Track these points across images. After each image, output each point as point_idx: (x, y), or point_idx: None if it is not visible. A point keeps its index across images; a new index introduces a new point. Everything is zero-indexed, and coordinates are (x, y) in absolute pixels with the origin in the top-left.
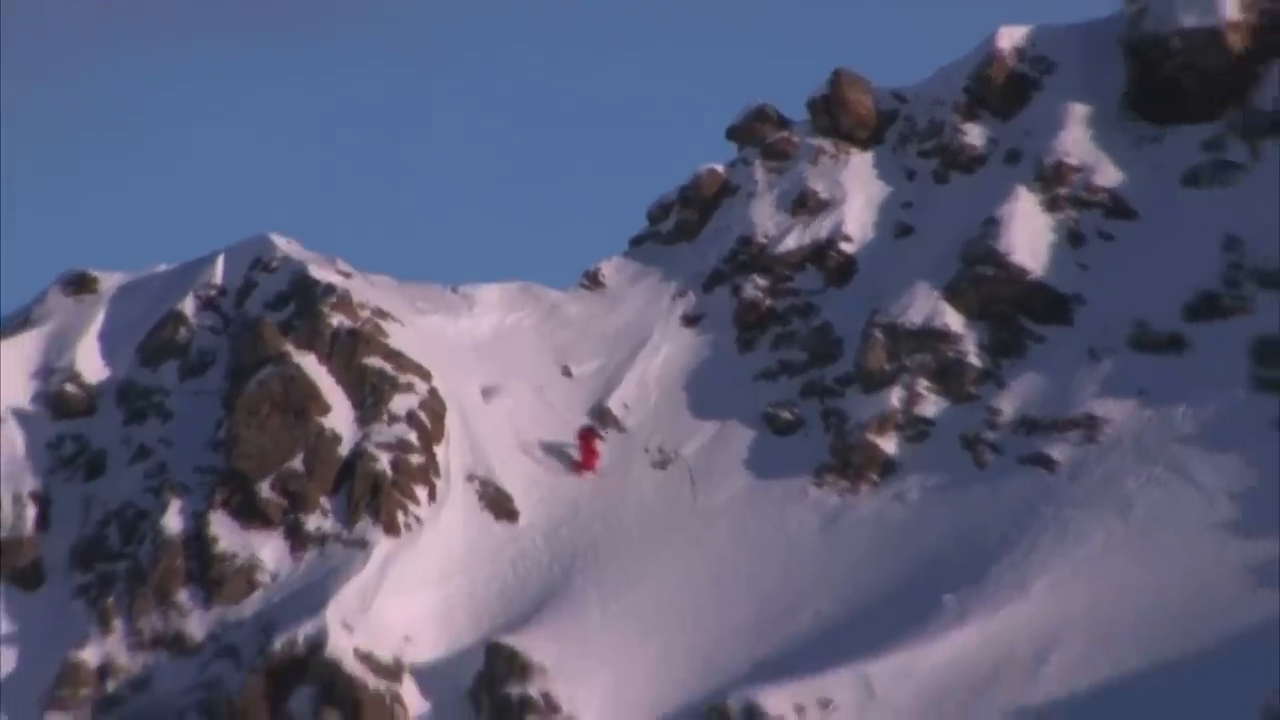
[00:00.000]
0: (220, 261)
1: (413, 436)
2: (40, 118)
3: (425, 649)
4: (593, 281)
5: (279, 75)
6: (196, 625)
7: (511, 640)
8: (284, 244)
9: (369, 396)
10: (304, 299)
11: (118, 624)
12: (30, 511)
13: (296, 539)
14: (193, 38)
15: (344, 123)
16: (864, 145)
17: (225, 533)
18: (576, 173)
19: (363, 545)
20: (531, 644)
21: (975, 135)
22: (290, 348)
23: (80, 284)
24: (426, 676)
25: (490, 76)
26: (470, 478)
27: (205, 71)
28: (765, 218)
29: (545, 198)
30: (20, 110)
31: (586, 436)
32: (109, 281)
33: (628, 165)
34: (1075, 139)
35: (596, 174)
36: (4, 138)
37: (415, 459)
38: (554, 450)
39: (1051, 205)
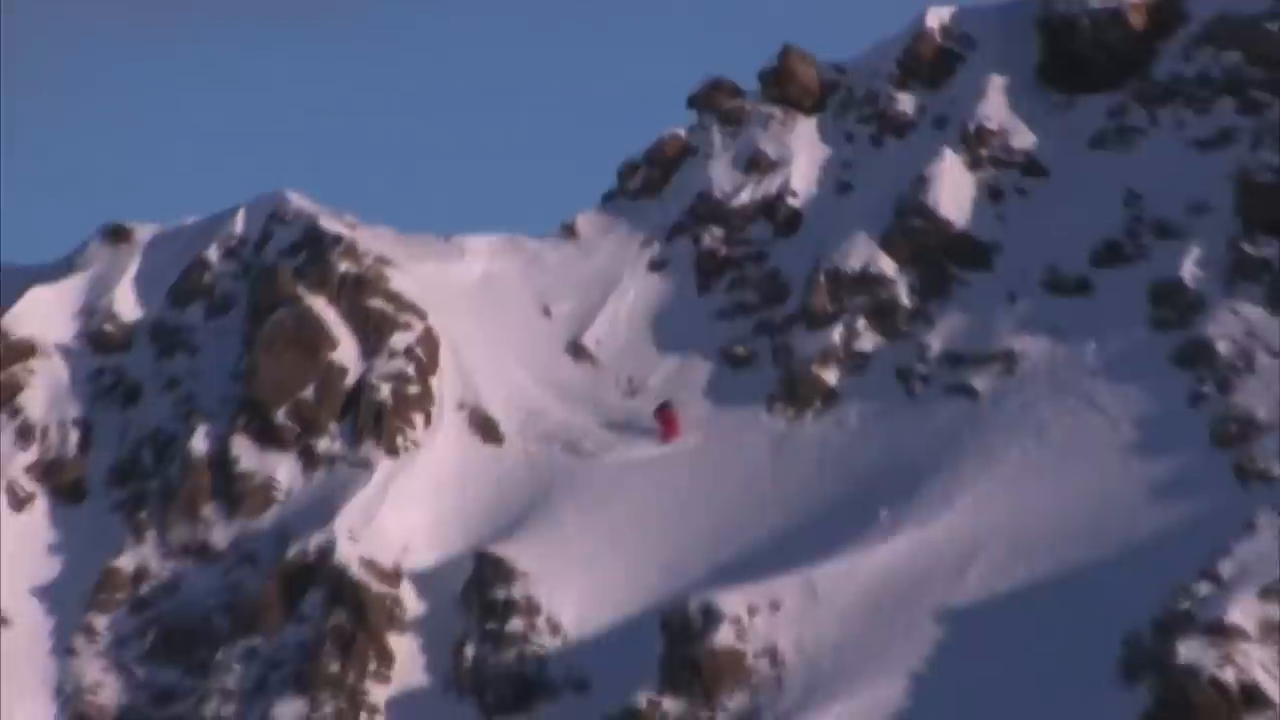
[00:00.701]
0: (241, 215)
1: (410, 369)
2: (78, 80)
3: (421, 557)
4: (569, 233)
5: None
6: (220, 536)
7: (497, 549)
8: (297, 199)
9: (372, 334)
10: (314, 248)
11: (150, 535)
12: (73, 436)
13: (308, 460)
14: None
15: (349, 87)
16: (808, 112)
17: (245, 454)
18: (555, 136)
19: (366, 465)
20: (515, 552)
21: (906, 103)
22: (302, 291)
23: (117, 235)
24: (422, 581)
25: (478, 46)
26: (461, 406)
27: (224, 37)
28: (722, 176)
29: (528, 158)
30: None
31: (665, 412)
32: (143, 232)
33: (599, 129)
34: (995, 107)
35: (572, 137)
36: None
37: (412, 389)
38: (539, 381)
39: (974, 165)
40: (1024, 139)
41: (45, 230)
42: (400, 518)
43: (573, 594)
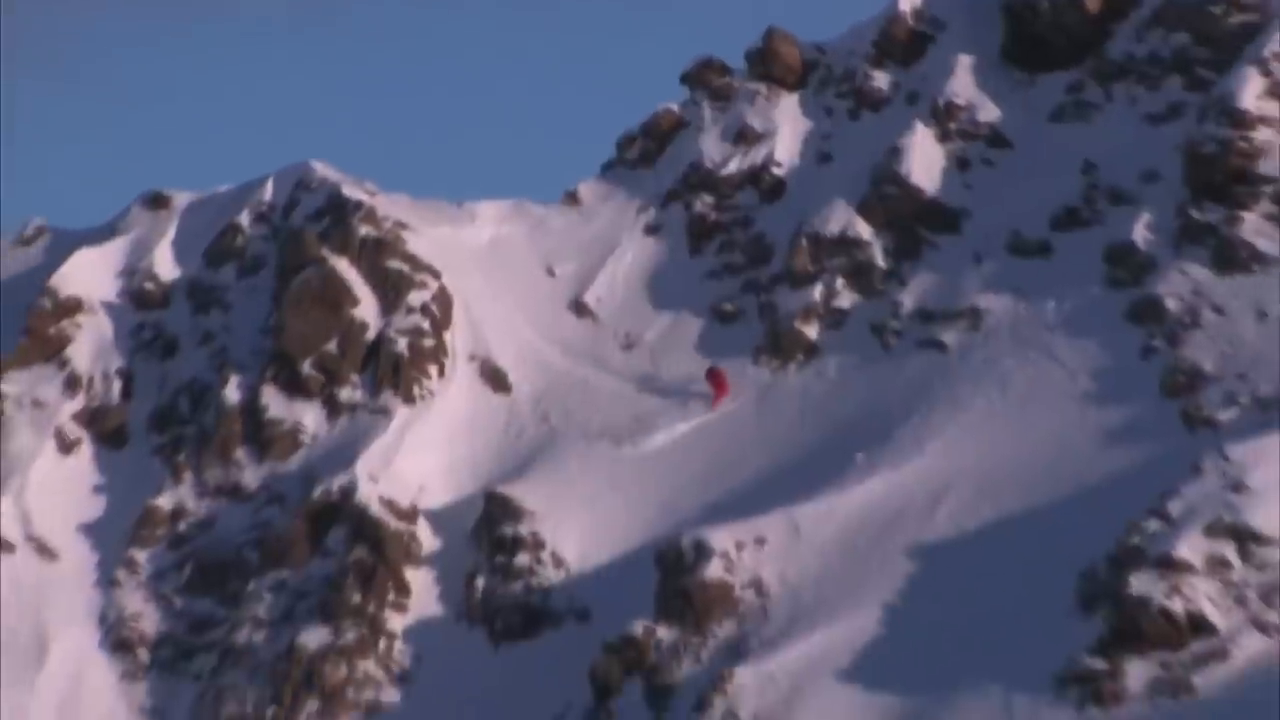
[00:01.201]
0: (270, 183)
1: (425, 324)
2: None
3: (435, 497)
4: (571, 199)
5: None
6: (251, 477)
7: (505, 490)
8: (321, 168)
9: (390, 292)
10: (337, 214)
11: (187, 476)
12: (116, 385)
13: (332, 407)
14: None
15: (369, 66)
16: (791, 88)
17: (274, 402)
18: (559, 110)
19: (385, 413)
20: (522, 493)
21: (881, 80)
22: (326, 252)
23: (156, 201)
24: (436, 519)
25: (488, 29)
26: (472, 358)
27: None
28: (711, 148)
29: (534, 131)
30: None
31: (715, 374)
32: (180, 199)
33: (600, 104)
34: (962, 84)
35: (575, 112)
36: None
37: (427, 342)
38: (544, 336)
39: (943, 137)
40: (989, 113)
41: (90, 197)
42: (416, 461)
43: (575, 531)
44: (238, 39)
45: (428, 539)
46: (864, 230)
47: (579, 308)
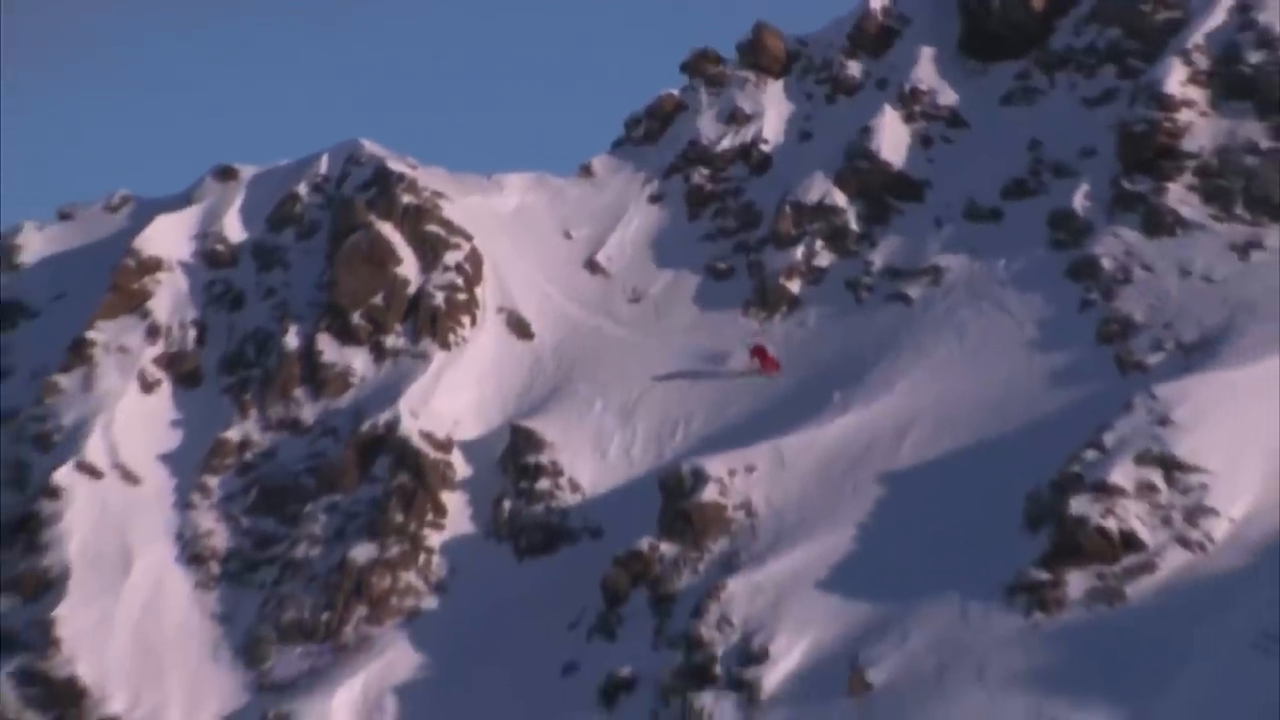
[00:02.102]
0: (325, 158)
1: (459, 280)
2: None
3: (467, 430)
4: (586, 172)
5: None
6: (308, 413)
7: (528, 424)
8: (369, 145)
9: (428, 252)
10: (383, 184)
11: (253, 412)
12: (191, 333)
13: (378, 353)
14: None
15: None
16: (776, 76)
17: (328, 348)
18: (576, 95)
19: (424, 357)
20: (543, 426)
21: (855, 69)
22: (373, 218)
23: (226, 174)
24: (469, 449)
25: (516, 23)
26: (500, 309)
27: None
28: (707, 127)
29: (554, 113)
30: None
31: (758, 350)
32: (246, 172)
33: (611, 89)
34: (925, 72)
35: (589, 96)
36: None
37: (461, 296)
38: (562, 290)
39: (908, 118)
40: (948, 97)
41: (168, 170)
42: (451, 399)
43: (588, 459)
44: (298, 30)
45: (461, 466)
46: (840, 199)
47: (592, 266)
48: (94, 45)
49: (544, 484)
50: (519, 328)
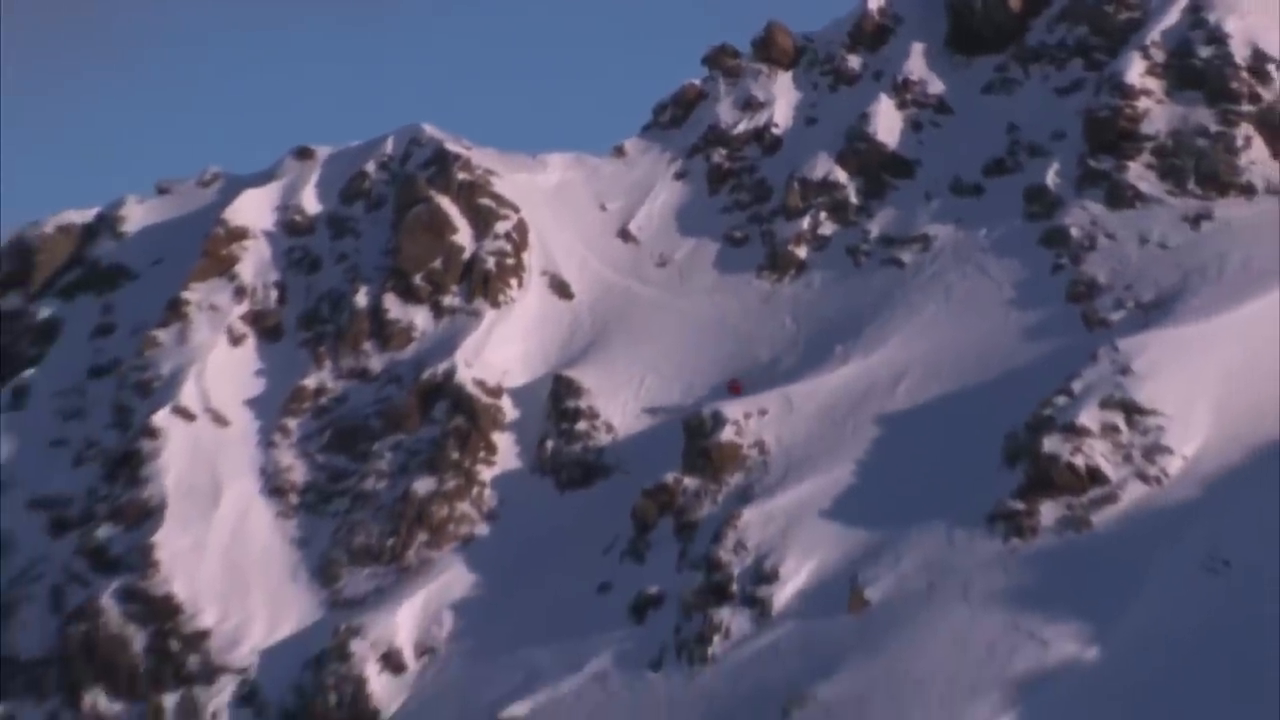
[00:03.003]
0: (390, 140)
1: (508, 247)
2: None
3: (515, 378)
4: (619, 152)
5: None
6: (375, 363)
7: (568, 373)
8: (429, 129)
9: (481, 223)
10: (441, 163)
11: (327, 363)
12: (273, 293)
13: (437, 311)
14: None
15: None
16: (786, 68)
17: (393, 307)
18: (612, 85)
19: (477, 314)
20: (581, 375)
21: (854, 62)
22: (433, 193)
23: (304, 154)
24: (516, 395)
25: (559, 22)
26: (543, 273)
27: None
28: (725, 113)
29: (592, 100)
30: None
31: (733, 386)
32: (322, 152)
33: (641, 80)
34: (916, 65)
35: (623, 85)
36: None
37: (509, 261)
38: (598, 256)
39: (901, 105)
40: (936, 87)
41: (254, 150)
42: (501, 351)
43: (620, 405)
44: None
45: (509, 410)
46: (841, 176)
47: (624, 235)
48: (187, 42)
49: (582, 426)
50: (560, 289)
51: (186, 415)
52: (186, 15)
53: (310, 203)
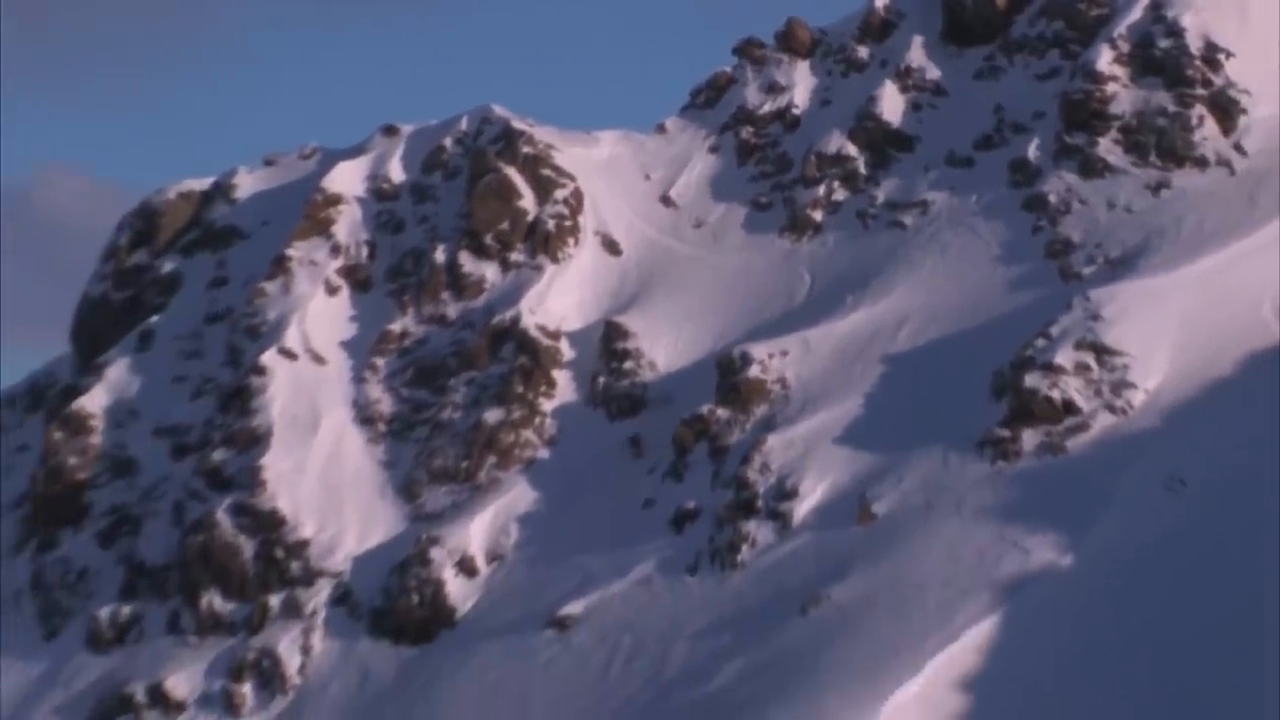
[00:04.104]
0: (465, 119)
1: (566, 211)
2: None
3: (572, 323)
4: (661, 130)
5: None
6: (451, 310)
7: (618, 319)
8: (499, 109)
9: (542, 190)
10: (509, 139)
11: (410, 310)
12: (365, 250)
13: (504, 265)
14: None
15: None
16: (804, 58)
17: (467, 261)
18: (654, 70)
19: (539, 269)
20: (629, 321)
21: (863, 52)
22: (501, 164)
23: (390, 130)
24: (573, 338)
25: (612, 23)
26: (596, 233)
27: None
28: (752, 96)
29: (639, 85)
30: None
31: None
32: (406, 129)
33: (682, 66)
34: (916, 55)
35: (666, 71)
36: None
37: (567, 223)
38: (643, 218)
39: (903, 89)
40: (933, 74)
41: (348, 127)
42: (559, 300)
43: (662, 346)
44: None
45: (567, 351)
46: (852, 150)
47: (666, 200)
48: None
49: (629, 364)
50: (610, 247)
51: (289, 355)
52: (283, 12)
53: (396, 173)
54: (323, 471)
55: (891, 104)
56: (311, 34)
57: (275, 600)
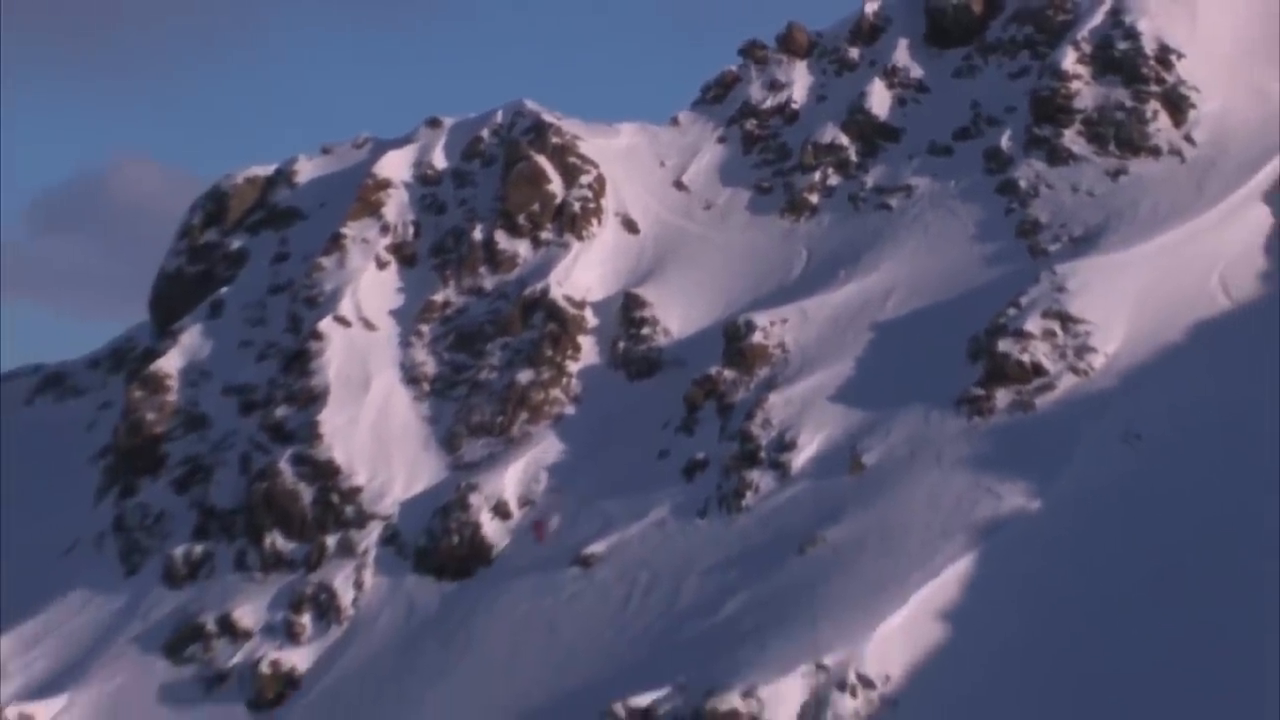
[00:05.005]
0: (500, 112)
1: (590, 194)
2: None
3: (595, 294)
4: (674, 122)
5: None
6: (488, 282)
7: (636, 291)
8: (530, 104)
9: (569, 176)
10: (539, 130)
11: (451, 283)
12: (410, 229)
13: (535, 243)
14: None
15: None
16: (802, 58)
17: (502, 239)
18: (669, 68)
19: (566, 246)
20: (645, 292)
21: (854, 53)
22: (532, 153)
23: (433, 123)
24: (596, 307)
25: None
26: (616, 214)
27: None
28: (756, 92)
29: (653, 83)
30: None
31: (537, 524)
32: (448, 121)
33: (693, 67)
34: (901, 56)
35: (679, 71)
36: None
37: (590, 205)
38: (659, 201)
39: (890, 86)
40: (917, 72)
41: (397, 120)
42: (584, 274)
43: (676, 314)
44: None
45: (590, 319)
46: (844, 140)
47: (678, 185)
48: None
49: (646, 331)
50: (629, 226)
51: (344, 322)
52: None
53: (439, 160)
54: (373, 426)
55: (880, 99)
56: (365, 36)
57: (331, 540)
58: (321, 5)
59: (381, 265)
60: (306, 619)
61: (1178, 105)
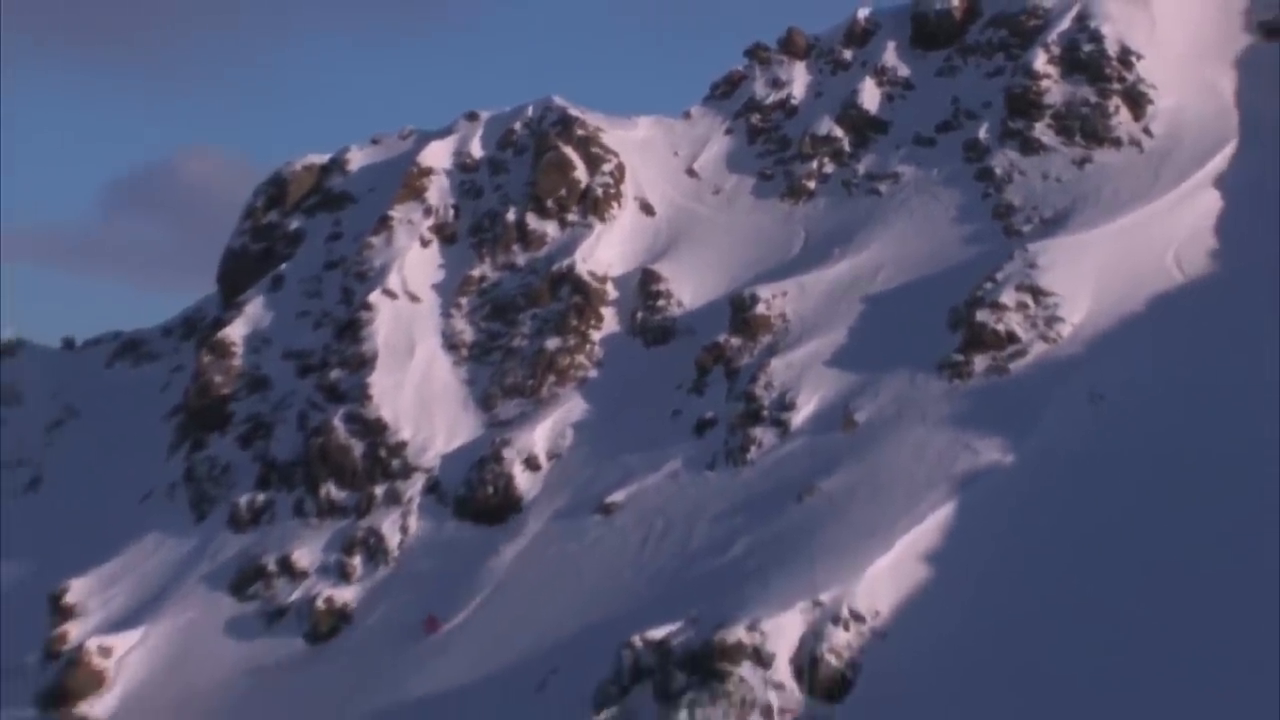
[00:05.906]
0: (530, 107)
1: (611, 181)
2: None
3: (616, 270)
4: (687, 116)
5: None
6: (520, 259)
7: (652, 267)
8: (558, 99)
9: (593, 164)
10: (566, 123)
11: (487, 259)
12: (451, 211)
13: (562, 223)
14: None
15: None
16: (801, 59)
17: (533, 221)
18: (682, 67)
19: (590, 227)
20: (661, 267)
21: (848, 55)
22: (559, 143)
23: (471, 116)
24: (617, 281)
25: (651, 30)
26: (635, 198)
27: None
28: (760, 90)
29: (668, 80)
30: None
31: (430, 620)
32: (485, 114)
33: (704, 65)
34: (890, 57)
35: (691, 69)
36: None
37: (612, 190)
38: (673, 186)
39: (879, 84)
40: (903, 72)
41: (435, 114)
42: (607, 251)
43: (688, 287)
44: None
45: (612, 292)
46: (839, 132)
47: (690, 172)
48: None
49: (661, 303)
50: (646, 209)
51: (391, 295)
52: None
53: (476, 150)
54: (417, 387)
55: (870, 96)
56: (408, 39)
57: (379, 490)
58: (361, 14)
59: (425, 244)
60: (357, 560)
61: (1137, 101)
